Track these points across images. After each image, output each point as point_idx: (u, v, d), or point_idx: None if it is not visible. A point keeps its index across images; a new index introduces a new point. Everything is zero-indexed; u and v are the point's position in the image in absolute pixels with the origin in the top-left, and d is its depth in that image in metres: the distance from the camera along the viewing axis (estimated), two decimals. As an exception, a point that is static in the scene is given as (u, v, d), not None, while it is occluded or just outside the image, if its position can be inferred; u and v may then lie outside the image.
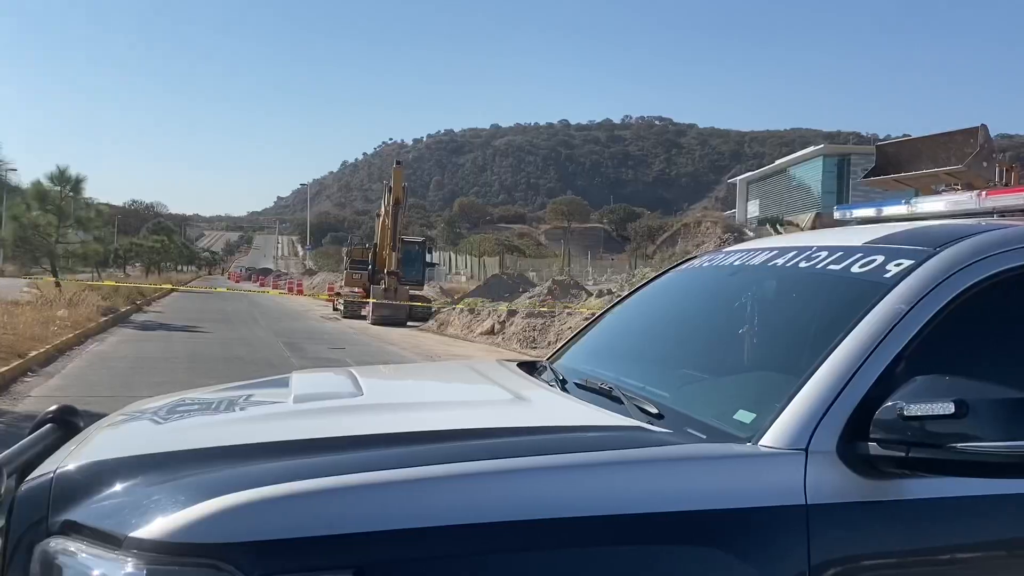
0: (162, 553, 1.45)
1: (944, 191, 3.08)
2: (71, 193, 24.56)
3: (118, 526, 1.52)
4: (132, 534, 1.49)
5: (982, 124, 3.26)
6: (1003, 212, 2.56)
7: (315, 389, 2.37)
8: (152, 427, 2.09)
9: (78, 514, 1.59)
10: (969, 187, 2.92)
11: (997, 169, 3.51)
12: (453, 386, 2.78)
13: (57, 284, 21.98)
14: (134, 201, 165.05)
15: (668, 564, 1.56)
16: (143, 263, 59.59)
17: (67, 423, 2.22)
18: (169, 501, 1.53)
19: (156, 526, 1.48)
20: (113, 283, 23.63)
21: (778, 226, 46.75)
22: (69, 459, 1.80)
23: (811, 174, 55.45)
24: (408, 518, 1.50)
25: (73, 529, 1.58)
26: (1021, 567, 1.72)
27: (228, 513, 1.47)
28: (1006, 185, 3.52)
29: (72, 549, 1.54)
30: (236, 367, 12.02)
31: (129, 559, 1.47)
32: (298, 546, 1.45)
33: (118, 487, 1.64)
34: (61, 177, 24.28)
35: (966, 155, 3.25)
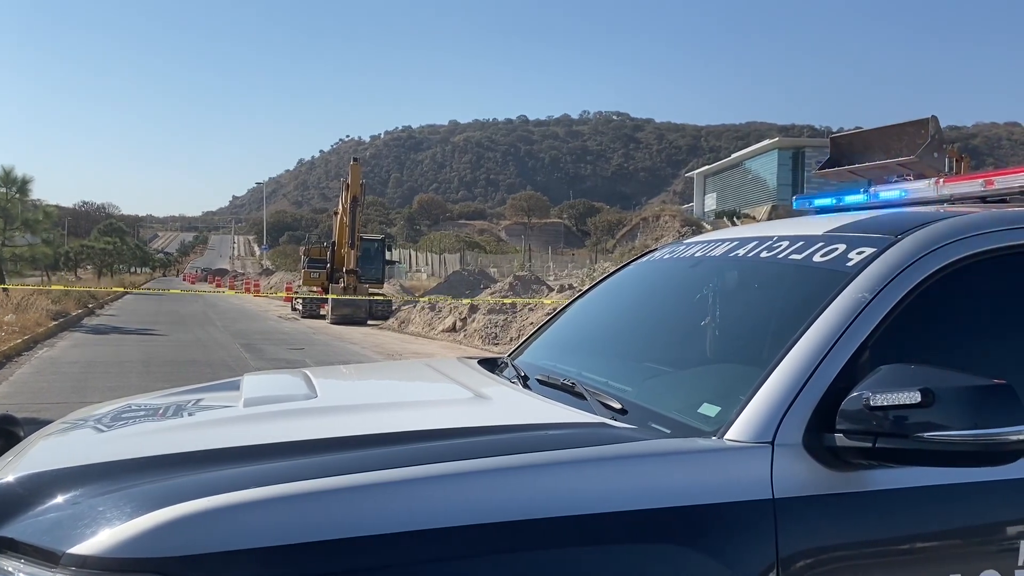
0: (102, 570, 1.39)
1: (896, 181, 3.10)
2: (17, 194, 23.93)
3: (56, 542, 1.45)
4: (70, 550, 1.42)
5: (932, 115, 3.28)
6: (959, 199, 2.57)
7: (266, 392, 2.29)
8: (95, 435, 2.01)
9: (15, 530, 1.52)
10: (921, 177, 2.94)
11: (947, 159, 3.54)
12: (411, 385, 2.72)
13: (4, 289, 21.38)
14: (84, 202, 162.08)
15: (635, 564, 1.52)
16: (94, 265, 58.35)
17: (6, 433, 2.16)
18: (110, 514, 1.47)
19: (96, 541, 1.42)
20: (63, 286, 23.05)
21: (735, 219, 47.41)
22: (6, 471, 1.73)
23: (766, 167, 56.28)
24: (362, 526, 1.44)
25: (9, 546, 1.50)
26: (988, 555, 1.72)
27: (171, 525, 1.41)
28: (956, 174, 3.56)
29: (8, 568, 1.47)
30: (192, 370, 11.80)
31: None
32: (247, 558, 1.39)
33: (58, 500, 1.57)
34: (7, 178, 23.63)
35: (917, 146, 3.27)
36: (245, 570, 1.38)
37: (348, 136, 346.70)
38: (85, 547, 1.41)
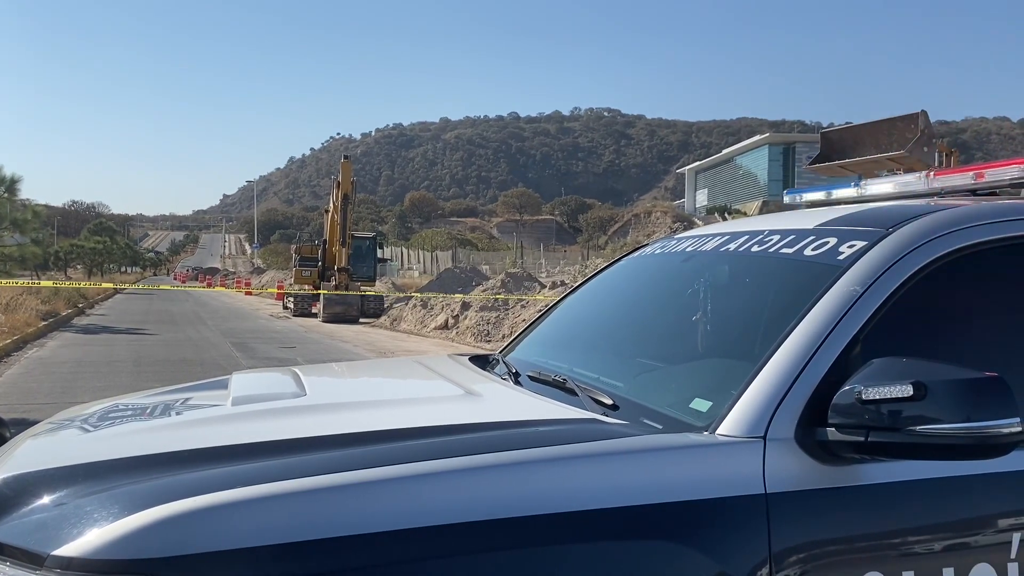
0: (87, 571, 1.37)
1: (887, 175, 3.10)
2: (6, 194, 23.70)
3: (40, 543, 1.43)
4: (55, 552, 1.40)
5: (922, 110, 3.28)
6: (949, 192, 2.57)
7: (255, 390, 2.27)
8: (81, 436, 1.99)
9: None
10: (911, 171, 2.94)
11: (937, 153, 3.54)
12: (401, 383, 2.70)
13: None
14: (74, 202, 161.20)
15: (627, 560, 1.51)
16: (84, 265, 58.02)
17: (-10, 434, 2.12)
18: (95, 515, 1.45)
19: (80, 542, 1.40)
20: (52, 283, 22.90)
21: (726, 214, 47.50)
22: None
23: (757, 162, 56.43)
24: (352, 524, 1.42)
25: None
26: (981, 548, 1.72)
27: (158, 526, 1.39)
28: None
29: None
30: (183, 369, 11.74)
31: None
32: (235, 558, 1.37)
33: (44, 501, 1.55)
34: (-5, 177, 23.42)
35: (907, 140, 3.26)
36: (233, 571, 1.37)
37: (339, 134, 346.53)
38: (70, 548, 1.39)
